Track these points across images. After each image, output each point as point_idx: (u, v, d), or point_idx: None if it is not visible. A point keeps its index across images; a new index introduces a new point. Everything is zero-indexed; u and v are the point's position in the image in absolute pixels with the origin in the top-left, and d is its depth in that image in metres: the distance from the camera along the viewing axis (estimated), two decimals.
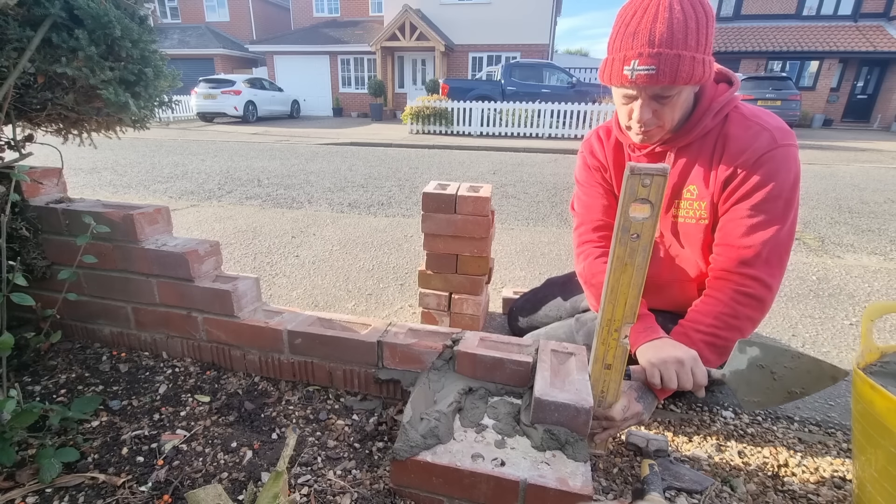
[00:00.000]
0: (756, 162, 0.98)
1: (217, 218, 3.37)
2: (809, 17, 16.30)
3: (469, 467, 0.83)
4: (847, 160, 7.35)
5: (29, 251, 1.25)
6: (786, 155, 0.98)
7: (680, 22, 0.88)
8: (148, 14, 1.21)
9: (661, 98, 0.97)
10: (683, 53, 0.89)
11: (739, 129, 1.01)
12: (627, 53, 0.92)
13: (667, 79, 0.90)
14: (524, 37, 16.22)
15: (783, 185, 0.97)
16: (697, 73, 0.91)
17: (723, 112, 1.03)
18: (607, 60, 0.98)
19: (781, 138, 0.98)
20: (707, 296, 1.07)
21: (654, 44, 0.89)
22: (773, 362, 0.93)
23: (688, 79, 0.91)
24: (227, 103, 13.46)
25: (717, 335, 1.02)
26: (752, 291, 1.00)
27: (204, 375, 1.26)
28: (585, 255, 1.26)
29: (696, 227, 1.11)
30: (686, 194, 1.10)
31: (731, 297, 1.02)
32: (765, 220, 0.99)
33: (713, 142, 1.05)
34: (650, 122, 1.01)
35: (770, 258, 0.99)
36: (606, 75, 0.99)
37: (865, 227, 3.51)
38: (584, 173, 1.33)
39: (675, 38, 0.88)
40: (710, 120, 1.03)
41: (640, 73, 0.91)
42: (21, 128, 1.20)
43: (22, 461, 0.91)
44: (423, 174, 5.62)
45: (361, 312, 1.93)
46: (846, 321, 1.93)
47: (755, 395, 0.95)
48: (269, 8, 22.59)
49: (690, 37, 0.88)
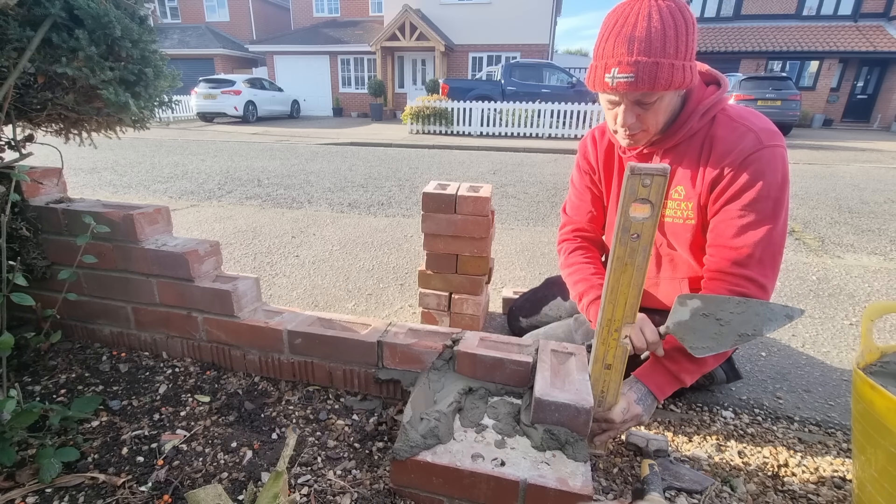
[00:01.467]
0: (742, 162, 0.98)
1: (217, 218, 3.37)
2: (809, 17, 16.30)
3: (469, 467, 0.83)
4: (847, 160, 7.35)
5: (29, 251, 1.25)
6: (772, 155, 0.98)
7: (658, 31, 0.90)
8: (148, 14, 1.22)
9: (643, 104, 0.99)
10: (661, 61, 0.91)
11: (725, 130, 1.02)
12: (609, 61, 0.95)
13: (645, 86, 0.93)
14: (524, 37, 16.21)
15: (771, 184, 0.98)
16: (677, 80, 0.93)
17: (709, 114, 1.04)
18: (591, 66, 1.01)
19: (767, 139, 0.99)
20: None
21: (632, 52, 0.91)
22: (717, 309, 0.93)
23: (666, 85, 0.93)
24: (227, 103, 13.45)
25: None
26: (746, 292, 1.00)
27: (204, 375, 1.26)
28: (564, 250, 1.36)
29: (683, 228, 1.12)
30: (674, 195, 1.11)
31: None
32: (755, 221, 0.99)
33: (700, 143, 1.06)
34: (634, 126, 1.02)
35: (763, 258, 1.00)
36: (591, 81, 1.01)
37: (865, 227, 3.51)
38: (576, 175, 1.37)
39: (652, 46, 0.90)
40: (697, 122, 1.04)
41: (620, 80, 0.94)
42: (21, 128, 1.20)
43: (22, 461, 0.91)
44: (423, 174, 5.62)
45: (361, 312, 1.93)
46: (846, 321, 1.93)
47: (703, 342, 0.94)
48: (269, 8, 22.59)
49: (669, 44, 0.90)
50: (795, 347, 1.71)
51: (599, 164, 1.28)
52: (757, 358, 1.62)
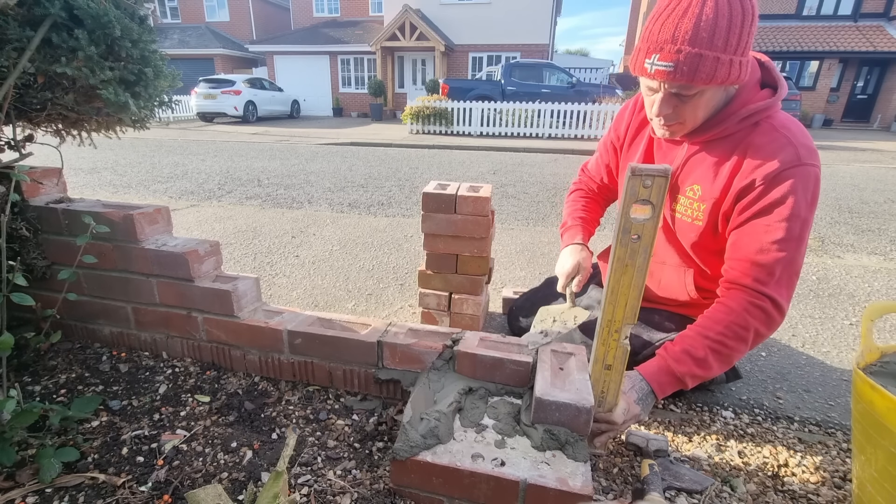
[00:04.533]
0: (776, 177, 0.94)
1: (217, 218, 3.37)
2: (809, 17, 16.29)
3: (469, 467, 0.83)
4: (847, 160, 7.35)
5: (29, 251, 1.25)
6: (807, 174, 0.94)
7: (709, 20, 0.84)
8: (148, 14, 1.21)
9: (681, 96, 0.95)
10: (706, 53, 0.85)
11: (765, 138, 0.97)
12: (651, 46, 0.90)
13: (684, 77, 0.88)
14: (524, 37, 16.21)
15: (801, 204, 0.93)
16: (721, 75, 0.87)
17: (752, 119, 0.98)
18: (635, 49, 0.97)
19: (806, 156, 0.94)
20: (719, 303, 1.04)
21: (676, 40, 0.86)
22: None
23: (707, 80, 0.88)
24: (227, 103, 13.45)
25: (725, 343, 0.99)
26: (765, 306, 0.97)
27: (204, 375, 1.26)
28: (569, 192, 1.55)
29: (690, 227, 1.10)
30: (688, 192, 1.09)
31: (744, 307, 0.98)
32: (782, 239, 0.95)
33: (733, 146, 1.01)
34: (670, 117, 0.99)
35: (782, 279, 0.97)
36: (632, 64, 0.98)
37: (865, 227, 3.51)
38: (605, 138, 1.40)
39: (699, 35, 0.85)
40: (734, 124, 0.99)
41: (659, 68, 0.90)
42: (21, 128, 1.20)
43: (22, 461, 0.91)
44: (423, 174, 5.62)
45: (361, 312, 1.93)
46: (846, 321, 1.93)
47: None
48: (269, 8, 22.58)
49: (718, 36, 0.85)
50: (795, 347, 1.71)
51: (629, 133, 1.26)
52: (757, 358, 1.62)
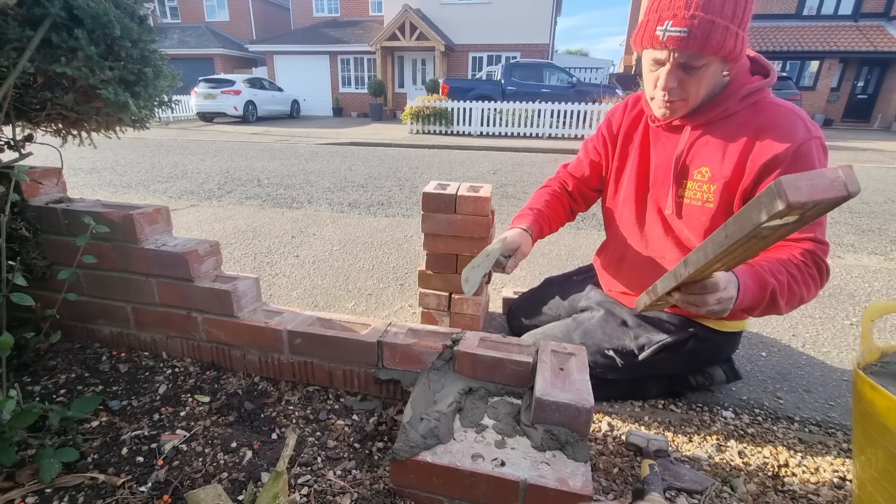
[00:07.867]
0: (798, 150, 0.96)
1: (217, 218, 3.37)
2: (809, 17, 16.28)
3: (469, 467, 0.83)
4: (847, 160, 7.34)
5: (29, 251, 1.25)
6: (820, 145, 0.98)
7: None
8: (148, 14, 1.21)
9: (688, 68, 0.96)
10: (718, 20, 0.89)
11: (776, 115, 1.00)
12: (663, 14, 0.93)
13: (696, 44, 0.90)
14: (524, 36, 16.20)
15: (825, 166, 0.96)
16: (728, 45, 0.91)
17: (750, 99, 1.02)
18: (642, 23, 0.98)
19: (814, 129, 0.98)
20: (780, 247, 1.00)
21: (690, 6, 0.89)
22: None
23: (717, 48, 0.90)
24: (227, 103, 13.44)
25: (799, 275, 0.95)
26: (815, 250, 0.97)
27: (204, 375, 1.26)
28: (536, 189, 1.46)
29: (701, 211, 1.09)
30: (696, 175, 1.09)
31: (802, 253, 0.97)
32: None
33: (738, 126, 1.03)
34: (675, 92, 1.00)
35: (818, 222, 0.98)
36: (639, 38, 0.99)
37: (865, 227, 3.51)
38: (592, 136, 1.39)
39: (712, 3, 0.88)
40: (735, 104, 1.02)
41: (672, 34, 0.91)
42: (21, 128, 1.20)
43: (22, 461, 0.91)
44: (423, 174, 5.62)
45: (361, 312, 1.93)
46: (846, 321, 1.93)
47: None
48: (269, 8, 22.58)
49: (728, 5, 0.89)
50: (795, 347, 1.71)
51: (622, 131, 1.27)
52: (757, 358, 1.62)
